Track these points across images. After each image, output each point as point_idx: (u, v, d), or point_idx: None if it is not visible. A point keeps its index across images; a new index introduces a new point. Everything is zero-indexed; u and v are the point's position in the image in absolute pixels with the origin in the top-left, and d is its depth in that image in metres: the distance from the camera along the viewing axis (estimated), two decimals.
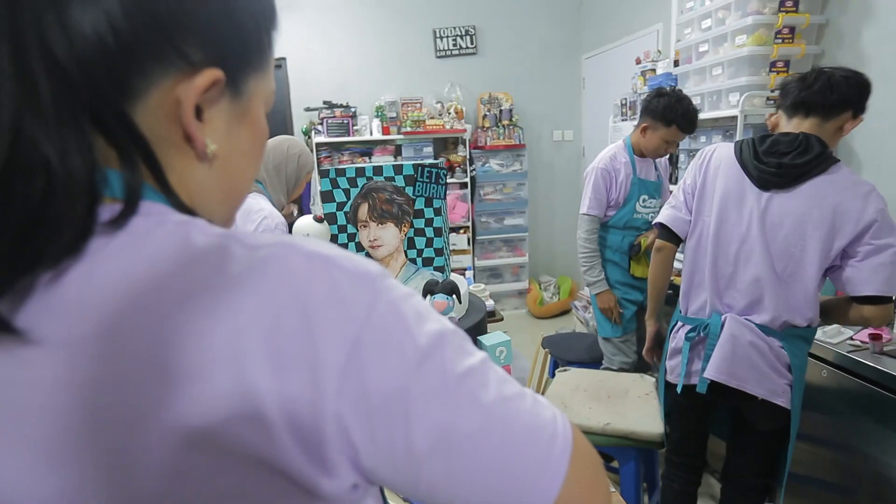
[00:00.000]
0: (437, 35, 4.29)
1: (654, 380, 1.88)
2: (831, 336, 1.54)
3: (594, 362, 2.33)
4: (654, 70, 2.97)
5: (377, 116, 4.15)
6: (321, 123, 4.03)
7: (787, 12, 2.15)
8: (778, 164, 1.27)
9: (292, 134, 4.23)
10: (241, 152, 0.42)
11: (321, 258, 0.33)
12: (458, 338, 0.36)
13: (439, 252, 1.29)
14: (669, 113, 1.95)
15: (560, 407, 1.74)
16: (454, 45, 4.33)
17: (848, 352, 1.47)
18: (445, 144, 4.39)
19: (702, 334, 1.39)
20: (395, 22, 4.21)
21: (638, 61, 3.25)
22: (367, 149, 4.18)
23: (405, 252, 1.29)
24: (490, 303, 2.30)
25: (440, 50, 4.32)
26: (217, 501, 0.30)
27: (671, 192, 2.23)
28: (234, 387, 0.29)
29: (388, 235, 1.27)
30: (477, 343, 1.25)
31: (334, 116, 4.03)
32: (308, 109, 4.11)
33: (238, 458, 0.30)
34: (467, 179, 4.25)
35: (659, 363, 1.60)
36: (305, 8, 4.06)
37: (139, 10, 0.32)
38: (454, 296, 1.19)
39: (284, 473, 0.31)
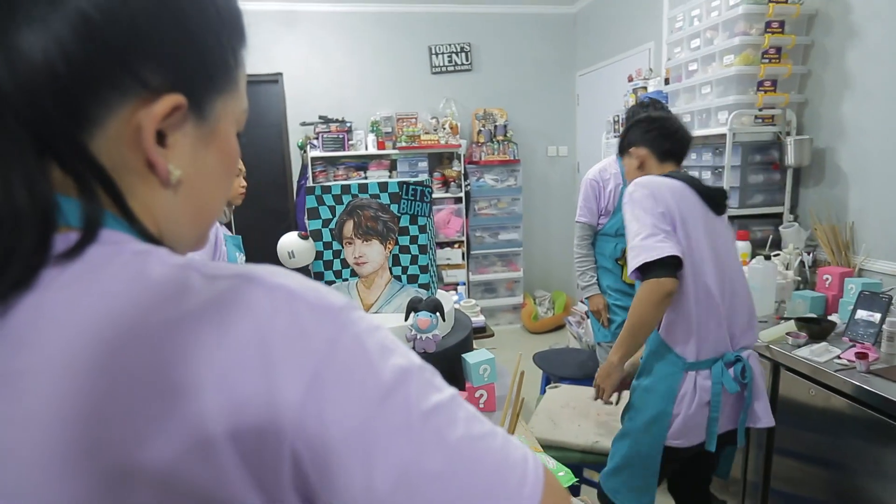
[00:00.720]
0: (433, 52, 4.34)
1: None
2: (818, 354, 1.54)
3: (586, 378, 2.32)
4: (645, 88, 3.01)
5: (372, 131, 4.18)
6: (317, 138, 4.05)
7: (773, 33, 2.19)
8: (723, 192, 1.38)
9: (288, 148, 4.26)
10: (209, 176, 0.40)
11: (283, 290, 0.32)
12: (426, 373, 0.35)
13: (424, 269, 1.29)
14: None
15: (548, 424, 1.72)
16: (449, 61, 4.38)
17: (835, 371, 1.47)
18: (440, 159, 4.41)
19: (741, 379, 1.28)
20: (391, 39, 4.27)
21: (630, 79, 3.29)
22: (362, 163, 4.20)
23: (390, 269, 1.29)
24: (480, 318, 2.29)
25: (435, 66, 4.36)
26: None
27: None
28: (190, 426, 0.28)
29: (373, 252, 1.27)
30: (461, 360, 1.24)
31: (330, 131, 4.06)
32: (304, 124, 4.13)
33: (193, 500, 0.29)
34: (462, 194, 4.26)
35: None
36: (303, 24, 4.12)
37: (92, 35, 0.31)
38: (438, 313, 1.19)
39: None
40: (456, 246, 4.32)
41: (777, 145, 2.31)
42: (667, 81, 2.78)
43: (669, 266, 1.21)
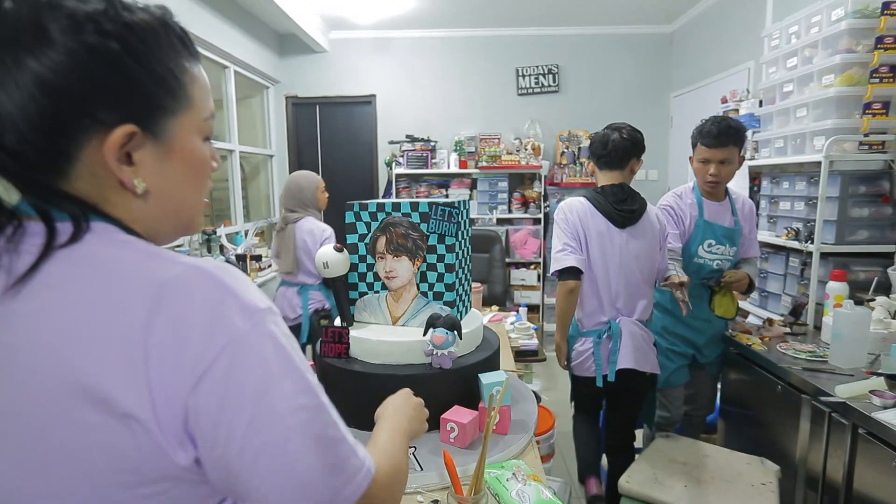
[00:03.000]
0: (520, 73, 4.38)
1: (777, 468, 1.64)
2: None
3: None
4: (737, 110, 2.79)
5: (455, 150, 4.30)
6: (402, 156, 4.27)
7: (886, 49, 1.94)
8: (630, 210, 1.82)
9: (377, 165, 4.53)
10: (177, 182, 0.50)
11: (221, 285, 0.44)
12: (307, 379, 0.46)
13: (450, 287, 1.32)
14: (694, 137, 1.95)
15: (648, 476, 1.57)
16: (536, 83, 4.39)
17: None
18: (522, 180, 4.42)
19: (605, 338, 1.82)
20: (479, 61, 4.39)
21: (724, 100, 3.07)
22: (444, 181, 4.34)
23: (417, 285, 1.34)
24: (533, 342, 2.26)
25: (522, 88, 4.40)
26: (99, 449, 0.40)
27: (754, 239, 2.07)
28: (129, 367, 0.40)
29: (402, 268, 1.33)
30: (477, 380, 1.26)
31: (415, 149, 4.26)
32: (392, 142, 4.37)
33: (119, 418, 0.40)
34: (541, 215, 4.22)
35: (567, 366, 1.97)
36: (396, 49, 4.38)
37: (54, 91, 0.42)
38: (455, 331, 1.21)
39: (154, 438, 0.41)
40: (532, 267, 4.28)
41: (888, 175, 2.02)
42: (761, 104, 2.56)
43: (573, 271, 1.79)
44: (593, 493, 2.04)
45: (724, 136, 1.86)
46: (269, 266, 3.46)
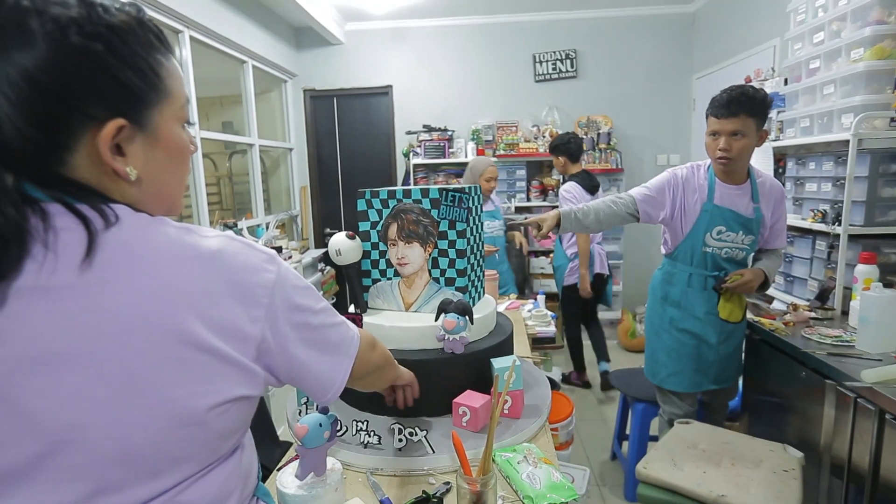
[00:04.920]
0: (537, 60, 4.32)
1: (800, 455, 1.57)
2: None
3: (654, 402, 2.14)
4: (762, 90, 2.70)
5: (472, 139, 4.28)
6: (419, 146, 4.26)
7: None
8: (597, 185, 3.18)
9: (394, 156, 4.54)
10: (163, 169, 0.55)
11: (251, 246, 0.57)
12: (314, 291, 0.64)
13: (461, 273, 1.32)
14: (707, 110, 1.80)
15: (667, 463, 1.57)
16: (553, 69, 4.32)
17: None
18: (540, 167, 4.37)
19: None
20: (495, 48, 4.34)
21: (748, 80, 2.98)
22: (461, 170, 4.32)
23: (429, 271, 1.34)
24: (550, 329, 2.25)
25: (539, 74, 4.34)
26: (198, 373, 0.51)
27: (782, 229, 1.88)
28: (213, 315, 0.52)
29: (414, 254, 1.34)
30: (489, 365, 1.26)
31: (432, 139, 4.25)
32: (409, 132, 4.38)
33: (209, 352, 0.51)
34: (559, 203, 4.17)
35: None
36: (412, 39, 4.37)
37: (48, 94, 0.45)
38: (466, 316, 1.22)
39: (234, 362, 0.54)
40: (551, 255, 4.24)
41: None
42: (786, 82, 2.47)
43: None
44: (585, 380, 3.51)
45: (734, 104, 1.67)
46: (290, 258, 3.52)
